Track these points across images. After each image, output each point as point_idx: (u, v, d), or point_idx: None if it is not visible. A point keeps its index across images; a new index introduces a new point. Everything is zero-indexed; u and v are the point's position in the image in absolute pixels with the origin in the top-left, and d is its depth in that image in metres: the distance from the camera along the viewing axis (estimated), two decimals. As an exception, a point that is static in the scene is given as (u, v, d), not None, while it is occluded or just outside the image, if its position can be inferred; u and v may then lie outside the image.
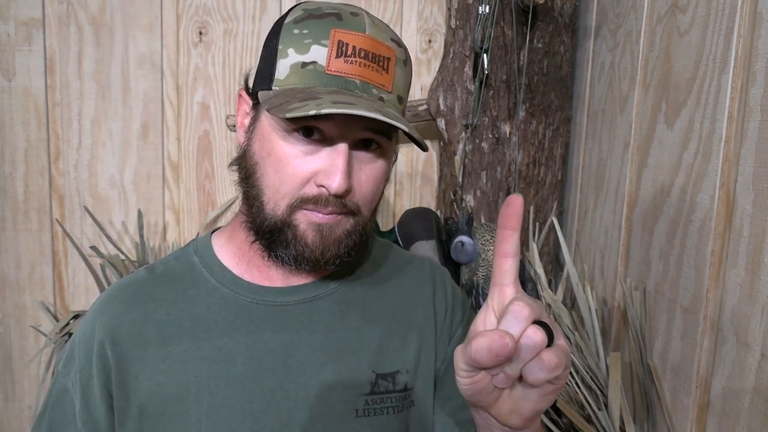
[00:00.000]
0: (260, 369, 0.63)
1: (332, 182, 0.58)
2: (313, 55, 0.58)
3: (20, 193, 1.30)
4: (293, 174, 0.59)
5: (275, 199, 0.61)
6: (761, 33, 0.71)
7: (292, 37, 0.59)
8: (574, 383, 0.98)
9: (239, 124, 0.66)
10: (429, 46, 1.35)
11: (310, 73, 0.58)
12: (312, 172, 0.59)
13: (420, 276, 0.75)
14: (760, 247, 0.70)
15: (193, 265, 0.69)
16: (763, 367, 0.69)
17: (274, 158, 0.60)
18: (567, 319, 1.10)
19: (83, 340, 0.65)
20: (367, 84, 0.59)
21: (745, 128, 0.74)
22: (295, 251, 0.61)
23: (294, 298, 0.67)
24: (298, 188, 0.60)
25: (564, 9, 1.21)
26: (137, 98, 1.31)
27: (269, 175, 0.60)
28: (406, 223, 1.16)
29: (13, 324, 1.33)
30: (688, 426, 0.83)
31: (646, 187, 0.98)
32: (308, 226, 0.61)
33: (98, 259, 1.30)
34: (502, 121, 1.20)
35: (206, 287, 0.67)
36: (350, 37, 0.58)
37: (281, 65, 0.59)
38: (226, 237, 0.71)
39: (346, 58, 0.58)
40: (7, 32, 1.26)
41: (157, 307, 0.65)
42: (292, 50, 0.59)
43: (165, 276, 0.68)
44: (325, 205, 0.59)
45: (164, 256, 0.73)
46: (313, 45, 0.58)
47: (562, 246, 1.17)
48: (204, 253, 0.70)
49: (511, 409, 0.45)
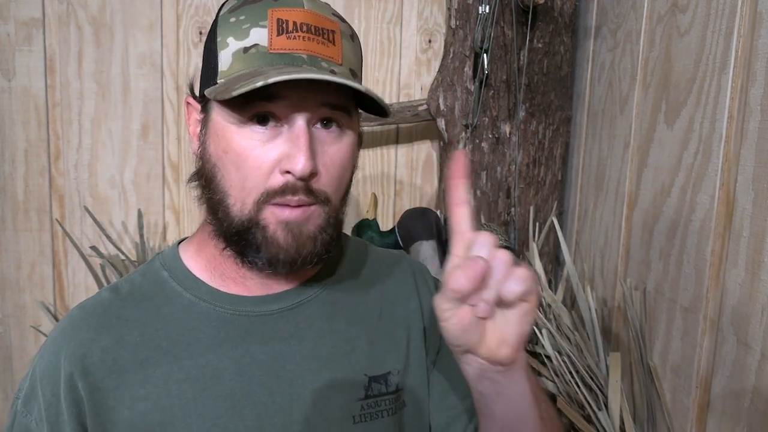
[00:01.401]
0: (250, 383, 0.60)
1: (296, 165, 0.54)
2: (254, 38, 0.55)
3: (20, 193, 1.30)
4: (255, 166, 0.56)
5: (242, 197, 0.57)
6: (761, 33, 0.71)
7: (229, 26, 0.57)
8: (574, 383, 0.98)
9: (192, 134, 0.62)
10: (429, 46, 1.35)
11: (253, 57, 0.55)
12: (275, 160, 0.56)
13: (400, 271, 0.73)
14: (760, 247, 0.70)
15: (163, 280, 0.64)
16: (763, 367, 0.69)
17: (233, 154, 0.56)
18: (567, 319, 1.10)
19: (47, 374, 0.59)
20: (314, 57, 0.56)
21: (745, 128, 0.74)
22: (268, 254, 0.57)
23: (277, 305, 0.63)
24: (263, 180, 0.56)
25: (564, 9, 1.21)
26: (137, 98, 1.31)
27: (231, 174, 0.57)
28: (406, 223, 1.16)
29: (13, 324, 1.33)
30: (688, 426, 0.83)
31: (646, 187, 0.98)
32: (277, 225, 0.57)
33: (98, 259, 1.30)
34: (502, 121, 1.20)
35: (181, 303, 0.62)
36: (289, 13, 0.56)
37: (223, 57, 0.56)
38: (194, 249, 0.66)
39: (288, 34, 0.55)
40: (7, 32, 1.26)
41: (129, 329, 0.60)
42: (232, 38, 0.56)
43: (133, 295, 0.63)
44: (293, 194, 0.56)
45: (128, 274, 0.67)
46: (252, 29, 0.55)
47: (562, 246, 1.17)
48: (173, 266, 0.65)
49: (498, 341, 0.48)
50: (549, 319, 1.11)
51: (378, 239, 1.18)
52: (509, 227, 1.22)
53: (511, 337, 0.47)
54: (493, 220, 1.23)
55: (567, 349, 1.02)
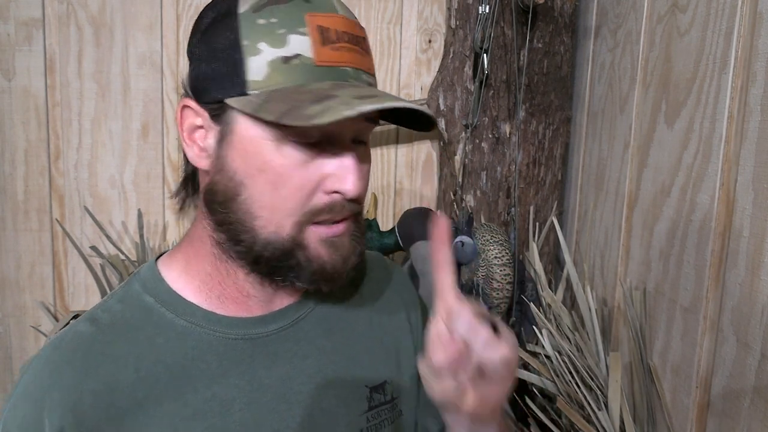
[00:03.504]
0: (261, 411, 0.57)
1: (347, 185, 0.52)
2: (294, 47, 0.50)
3: (20, 193, 1.30)
4: (299, 186, 0.52)
5: (277, 219, 0.52)
6: (761, 33, 0.71)
7: (258, 29, 0.50)
8: (574, 383, 0.98)
9: (187, 141, 0.56)
10: (429, 46, 1.35)
11: (296, 69, 0.50)
12: (318, 179, 0.52)
13: (387, 279, 0.72)
14: (760, 247, 0.70)
15: (148, 307, 0.57)
16: (763, 367, 0.69)
17: (270, 174, 0.51)
18: (567, 319, 1.10)
19: (28, 429, 0.51)
20: (358, 71, 0.53)
21: (745, 128, 0.74)
22: (311, 273, 0.54)
23: (277, 324, 0.60)
24: (305, 201, 0.52)
25: (564, 9, 1.21)
26: (137, 98, 1.31)
27: (264, 194, 0.52)
28: (406, 223, 1.16)
29: (13, 324, 1.33)
30: (688, 426, 0.83)
31: (646, 187, 0.98)
32: (319, 243, 0.54)
33: (98, 259, 1.30)
34: (502, 121, 1.20)
35: (174, 330, 0.56)
36: (328, 20, 0.51)
37: (254, 64, 0.50)
38: (181, 268, 0.59)
39: (332, 45, 0.51)
40: (7, 32, 1.26)
41: (120, 366, 0.53)
42: (265, 44, 0.50)
43: (116, 326, 0.56)
44: (340, 212, 0.53)
45: (103, 301, 0.59)
46: (290, 35, 0.50)
47: (562, 246, 1.17)
48: (157, 290, 0.58)
49: (478, 402, 0.50)
50: (549, 319, 1.11)
51: (378, 239, 1.18)
52: (509, 227, 1.22)
53: (492, 399, 0.51)
54: (493, 220, 1.23)
55: (567, 349, 1.02)
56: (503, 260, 1.08)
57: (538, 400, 1.07)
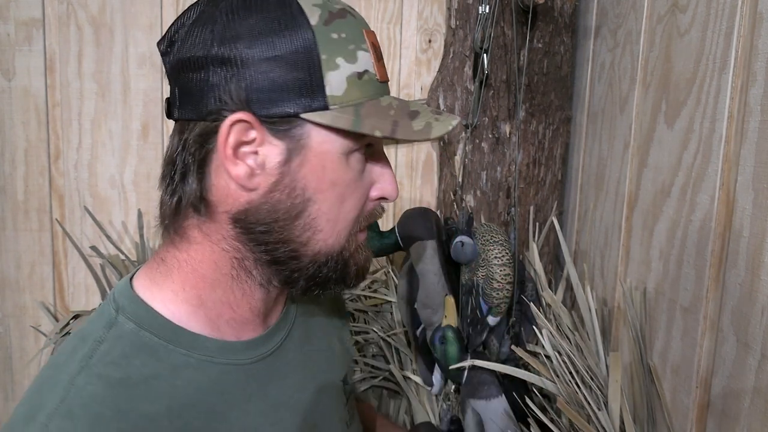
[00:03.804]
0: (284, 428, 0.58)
1: (392, 191, 0.55)
2: (363, 63, 0.51)
3: (20, 193, 1.30)
4: (360, 196, 0.54)
5: (336, 231, 0.53)
6: (761, 33, 0.71)
7: (333, 44, 0.49)
8: (574, 383, 0.98)
9: (234, 159, 0.49)
10: (429, 46, 1.35)
11: (367, 85, 0.51)
12: (368, 188, 0.55)
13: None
14: (760, 247, 0.70)
15: (153, 347, 0.50)
16: (763, 367, 0.69)
17: (341, 186, 0.52)
18: (567, 319, 1.10)
19: None
20: (385, 84, 0.55)
21: (745, 128, 0.74)
22: (351, 279, 0.57)
23: (278, 337, 0.60)
24: (361, 210, 0.55)
25: (564, 9, 1.21)
26: (137, 98, 1.31)
27: (333, 208, 0.52)
28: (406, 223, 1.16)
29: (13, 324, 1.33)
30: (688, 426, 0.83)
31: (646, 187, 0.98)
32: (358, 248, 0.56)
33: (98, 259, 1.30)
34: (502, 121, 1.20)
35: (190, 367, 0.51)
36: (372, 36, 0.53)
37: (334, 79, 0.49)
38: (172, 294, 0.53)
39: (379, 62, 0.53)
40: (7, 32, 1.26)
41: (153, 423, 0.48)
42: (342, 60, 0.49)
43: (132, 381, 0.48)
44: (381, 215, 0.57)
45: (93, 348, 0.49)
46: (358, 51, 0.51)
47: (562, 246, 1.17)
48: (153, 324, 0.51)
49: None
50: (549, 319, 1.11)
51: (378, 239, 1.18)
52: (509, 227, 1.22)
53: None
54: (493, 220, 1.23)
55: (567, 349, 1.02)
56: (503, 260, 1.08)
57: (537, 400, 1.07)
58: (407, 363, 1.28)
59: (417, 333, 1.16)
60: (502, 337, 1.14)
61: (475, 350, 1.13)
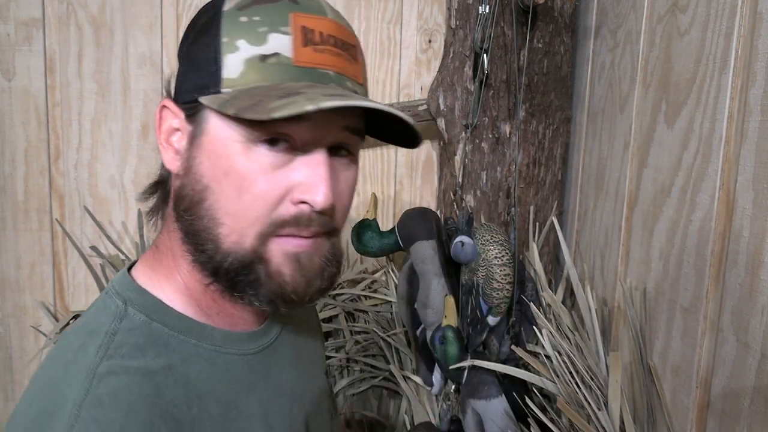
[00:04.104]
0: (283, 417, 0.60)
1: (316, 196, 0.48)
2: (274, 45, 0.48)
3: (20, 193, 1.30)
4: (263, 193, 0.48)
5: (240, 228, 0.49)
6: (761, 33, 0.71)
7: (239, 26, 0.48)
8: (574, 383, 0.98)
9: (164, 144, 0.53)
10: (429, 46, 1.35)
11: (274, 68, 0.48)
12: (285, 188, 0.49)
13: None
14: (760, 247, 0.70)
15: (164, 338, 0.51)
16: (763, 367, 0.69)
17: (236, 177, 0.48)
18: (567, 319, 1.10)
19: None
20: (341, 76, 0.50)
21: (745, 128, 0.74)
22: (269, 292, 0.50)
23: (274, 331, 0.61)
24: (270, 210, 0.49)
25: (564, 9, 1.21)
26: (137, 98, 1.31)
27: (230, 200, 0.49)
28: (406, 223, 1.16)
29: (13, 324, 1.33)
30: (688, 426, 0.83)
31: (646, 187, 0.98)
32: (283, 258, 0.50)
33: (98, 259, 1.30)
34: (502, 121, 1.20)
35: (200, 356, 0.52)
36: (315, 21, 0.49)
37: (230, 61, 0.48)
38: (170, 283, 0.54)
39: (315, 46, 0.49)
40: (7, 32, 1.26)
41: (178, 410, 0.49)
42: (243, 42, 0.48)
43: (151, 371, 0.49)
44: (307, 226, 0.49)
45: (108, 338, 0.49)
46: (271, 33, 0.48)
47: (562, 246, 1.17)
48: (161, 314, 0.52)
49: None
50: (549, 319, 1.11)
51: (378, 239, 1.18)
52: (509, 227, 1.22)
53: None
54: (493, 220, 1.23)
55: (567, 349, 1.02)
56: (503, 260, 1.08)
57: (537, 400, 1.07)
58: (407, 363, 1.28)
59: (417, 333, 1.16)
60: (502, 337, 1.14)
61: (475, 350, 1.13)
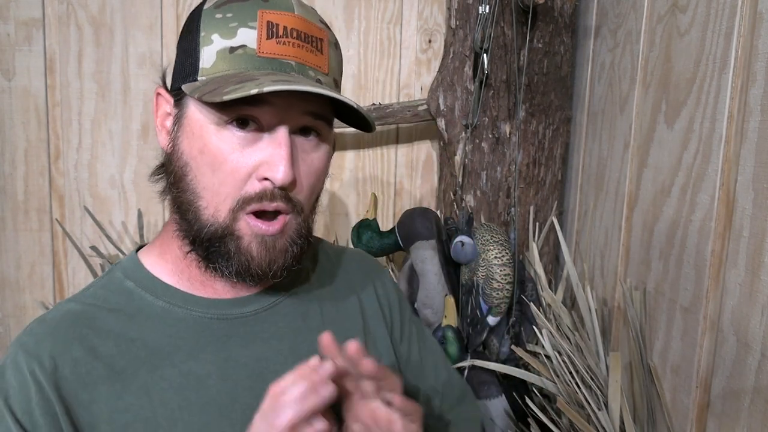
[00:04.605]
0: (235, 388, 0.59)
1: (276, 173, 0.54)
2: (241, 38, 0.54)
3: (20, 193, 1.30)
4: (233, 170, 0.55)
5: (215, 203, 0.56)
6: (761, 33, 0.71)
7: (214, 23, 0.55)
8: (574, 383, 0.98)
9: (159, 127, 0.61)
10: (429, 46, 1.35)
11: (239, 58, 0.54)
12: (253, 166, 0.55)
13: (360, 269, 0.76)
14: (760, 247, 0.70)
15: (129, 290, 0.61)
16: (763, 367, 0.69)
17: (209, 155, 0.55)
18: (567, 319, 1.10)
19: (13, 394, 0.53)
20: (303, 66, 0.56)
21: (745, 128, 0.74)
22: (237, 264, 0.57)
23: (254, 306, 0.63)
24: (239, 186, 0.55)
25: (564, 9, 1.21)
26: (137, 98, 1.31)
27: (206, 176, 0.55)
28: (406, 223, 1.16)
29: (13, 324, 1.33)
30: (688, 426, 0.83)
31: (646, 187, 0.98)
32: (252, 237, 0.56)
33: (98, 259, 1.30)
34: (502, 121, 1.20)
35: (153, 311, 0.60)
36: (280, 17, 0.55)
37: (205, 53, 0.55)
38: (156, 253, 0.64)
39: (278, 39, 0.55)
40: (7, 32, 1.26)
41: (102, 339, 0.57)
42: (217, 36, 0.55)
43: (98, 307, 0.60)
44: (271, 200, 0.55)
45: (86, 288, 0.63)
46: (240, 28, 0.54)
47: (562, 246, 1.17)
48: (137, 275, 0.62)
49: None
50: (549, 319, 1.11)
51: (378, 239, 1.18)
52: (509, 227, 1.22)
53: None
54: (493, 220, 1.23)
55: (567, 349, 1.02)
56: (503, 260, 1.08)
57: (537, 400, 1.07)
58: (407, 363, 1.28)
59: (417, 333, 1.16)
60: (502, 337, 1.14)
61: (475, 350, 1.13)
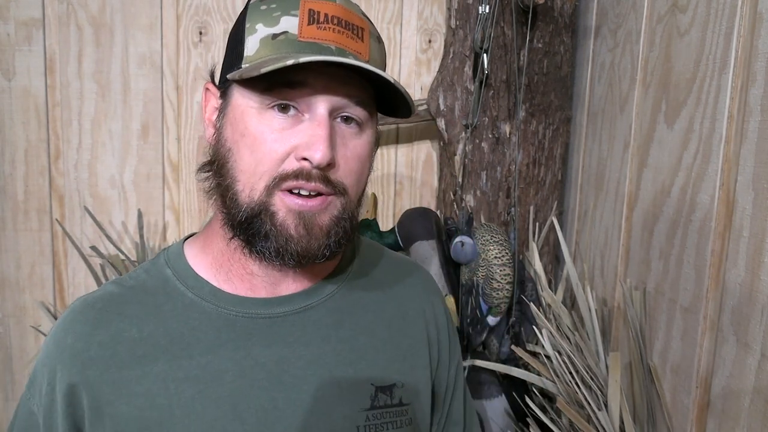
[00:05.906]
0: (252, 387, 0.59)
1: (315, 152, 0.53)
2: (284, 25, 0.55)
3: (20, 193, 1.30)
4: (271, 150, 0.55)
5: (252, 182, 0.56)
6: (761, 33, 0.71)
7: (259, 14, 0.57)
8: (574, 383, 0.98)
9: (208, 121, 0.62)
10: (429, 46, 1.35)
11: (281, 43, 0.55)
12: (291, 147, 0.55)
13: (412, 284, 0.72)
14: (760, 247, 0.70)
15: (166, 278, 0.63)
16: (763, 367, 0.69)
17: (249, 138, 0.56)
18: (567, 319, 1.10)
19: (47, 363, 0.60)
20: (343, 50, 0.56)
21: (745, 128, 0.74)
22: (276, 243, 0.56)
23: (284, 308, 0.62)
24: (276, 165, 0.55)
25: (564, 9, 1.21)
26: (137, 98, 1.31)
27: (244, 158, 0.56)
28: (406, 223, 1.16)
29: (13, 324, 1.33)
30: (688, 426, 0.83)
31: (646, 187, 0.98)
32: (288, 213, 0.56)
33: (98, 259, 1.30)
34: (502, 121, 1.20)
35: (182, 301, 0.61)
36: (321, 5, 0.56)
37: (250, 42, 0.56)
38: (199, 246, 0.65)
39: (318, 24, 0.55)
40: (7, 32, 1.26)
41: (128, 325, 0.60)
42: (261, 25, 0.56)
43: (135, 290, 0.62)
44: (307, 180, 0.55)
45: (134, 269, 0.66)
46: (283, 17, 0.55)
47: (562, 246, 1.17)
48: (177, 264, 0.64)
49: None
50: (549, 319, 1.11)
51: (378, 239, 1.18)
52: (509, 227, 1.22)
53: None
54: (493, 220, 1.23)
55: (567, 349, 1.02)
56: (503, 260, 1.08)
57: (538, 400, 1.07)
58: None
59: (417, 333, 1.15)
60: (502, 337, 1.14)
61: (475, 350, 1.13)
